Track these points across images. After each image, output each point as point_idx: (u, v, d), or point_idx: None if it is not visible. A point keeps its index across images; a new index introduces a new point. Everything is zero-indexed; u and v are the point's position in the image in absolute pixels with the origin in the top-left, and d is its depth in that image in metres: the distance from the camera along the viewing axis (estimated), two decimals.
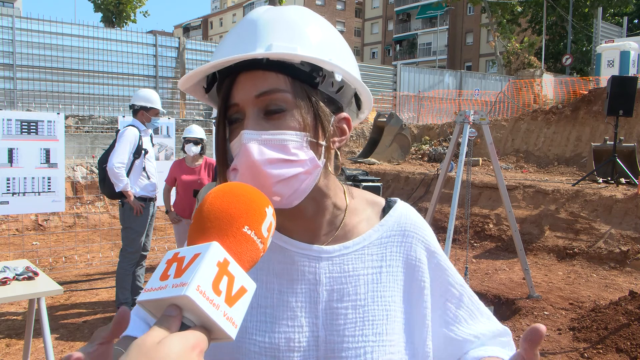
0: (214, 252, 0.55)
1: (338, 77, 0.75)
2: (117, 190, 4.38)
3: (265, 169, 0.70)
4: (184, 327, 0.53)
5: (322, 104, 0.75)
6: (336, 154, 0.82)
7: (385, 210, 0.88)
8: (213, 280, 0.54)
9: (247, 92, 0.72)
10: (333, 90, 0.76)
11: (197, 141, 4.93)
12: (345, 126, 0.80)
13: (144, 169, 4.54)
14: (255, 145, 0.70)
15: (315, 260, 0.81)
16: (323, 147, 0.76)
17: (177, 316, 0.52)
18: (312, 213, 0.82)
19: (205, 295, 0.52)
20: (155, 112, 4.57)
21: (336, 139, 0.79)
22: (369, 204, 0.89)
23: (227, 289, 0.55)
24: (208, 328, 0.53)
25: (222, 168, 0.79)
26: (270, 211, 0.63)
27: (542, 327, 0.62)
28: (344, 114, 0.80)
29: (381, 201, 0.90)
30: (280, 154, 0.71)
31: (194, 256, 0.55)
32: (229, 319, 0.54)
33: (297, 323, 0.78)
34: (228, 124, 0.77)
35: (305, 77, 0.73)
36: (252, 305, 0.81)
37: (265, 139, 0.71)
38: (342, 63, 0.74)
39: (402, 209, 0.89)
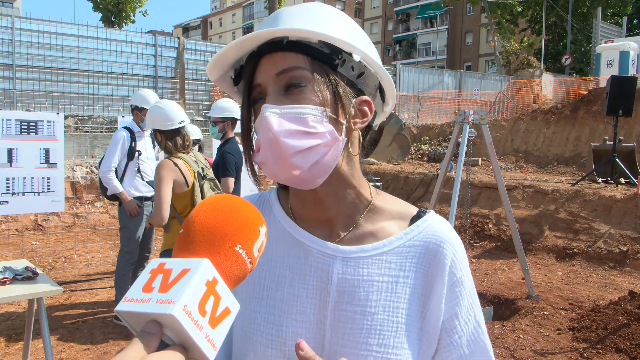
0: (205, 270, 0.53)
1: (357, 58, 0.76)
2: (107, 194, 4.47)
3: (284, 139, 0.71)
4: (162, 344, 0.51)
5: (342, 82, 0.76)
6: (361, 141, 0.83)
7: (414, 220, 0.84)
8: (200, 300, 0.52)
9: (268, 71, 0.75)
10: (354, 74, 0.77)
11: (195, 141, 4.93)
12: (366, 108, 0.79)
13: (138, 169, 4.55)
14: (275, 117, 0.72)
15: (330, 258, 0.79)
16: (344, 126, 0.76)
17: (157, 333, 0.51)
18: (331, 202, 0.81)
19: (190, 315, 0.51)
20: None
21: (357, 120, 0.79)
22: (399, 210, 0.86)
23: (212, 310, 0.53)
24: (187, 348, 0.52)
25: (248, 152, 0.80)
26: (263, 230, 0.62)
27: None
28: (365, 97, 0.79)
29: (413, 210, 0.87)
30: (299, 126, 0.72)
31: (183, 271, 0.53)
32: (210, 341, 0.52)
33: (306, 319, 0.78)
34: (252, 105, 0.79)
35: (325, 58, 0.74)
36: (261, 297, 0.81)
37: (284, 112, 0.72)
38: (361, 46, 0.76)
39: (433, 220, 0.84)
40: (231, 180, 3.91)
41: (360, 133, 0.83)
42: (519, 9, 27.04)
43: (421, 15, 47.29)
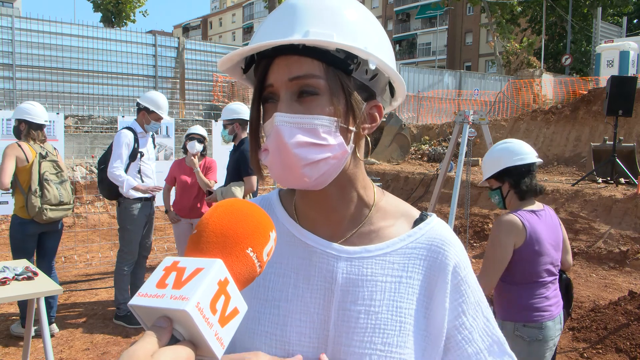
0: (218, 270, 0.55)
1: (372, 66, 0.74)
2: (123, 193, 4.41)
3: (295, 151, 0.72)
4: (172, 339, 0.53)
5: (355, 91, 0.76)
6: (366, 141, 0.83)
7: (417, 223, 0.86)
8: (212, 298, 0.54)
9: (282, 75, 0.74)
10: (367, 77, 0.77)
11: (200, 139, 4.93)
12: (376, 113, 0.80)
13: (139, 170, 4.54)
14: (287, 128, 0.72)
15: (335, 258, 0.80)
16: (352, 133, 0.77)
17: (168, 328, 0.52)
18: (337, 202, 0.82)
19: (202, 312, 0.52)
20: (156, 117, 4.55)
21: (366, 125, 0.79)
22: (402, 212, 0.87)
23: (223, 309, 0.55)
24: (196, 344, 0.53)
25: (255, 149, 0.80)
26: (273, 235, 0.64)
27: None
28: (376, 102, 0.80)
29: (415, 213, 0.88)
30: (311, 137, 0.72)
31: (196, 270, 0.55)
32: (219, 339, 0.54)
33: (309, 318, 0.79)
34: (262, 103, 0.79)
35: (340, 64, 0.74)
36: (266, 298, 0.82)
37: (296, 122, 0.72)
38: (377, 51, 0.75)
39: (435, 224, 0.86)
40: (254, 179, 4.03)
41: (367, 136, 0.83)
42: (519, 9, 27.05)
43: (421, 15, 47.28)
